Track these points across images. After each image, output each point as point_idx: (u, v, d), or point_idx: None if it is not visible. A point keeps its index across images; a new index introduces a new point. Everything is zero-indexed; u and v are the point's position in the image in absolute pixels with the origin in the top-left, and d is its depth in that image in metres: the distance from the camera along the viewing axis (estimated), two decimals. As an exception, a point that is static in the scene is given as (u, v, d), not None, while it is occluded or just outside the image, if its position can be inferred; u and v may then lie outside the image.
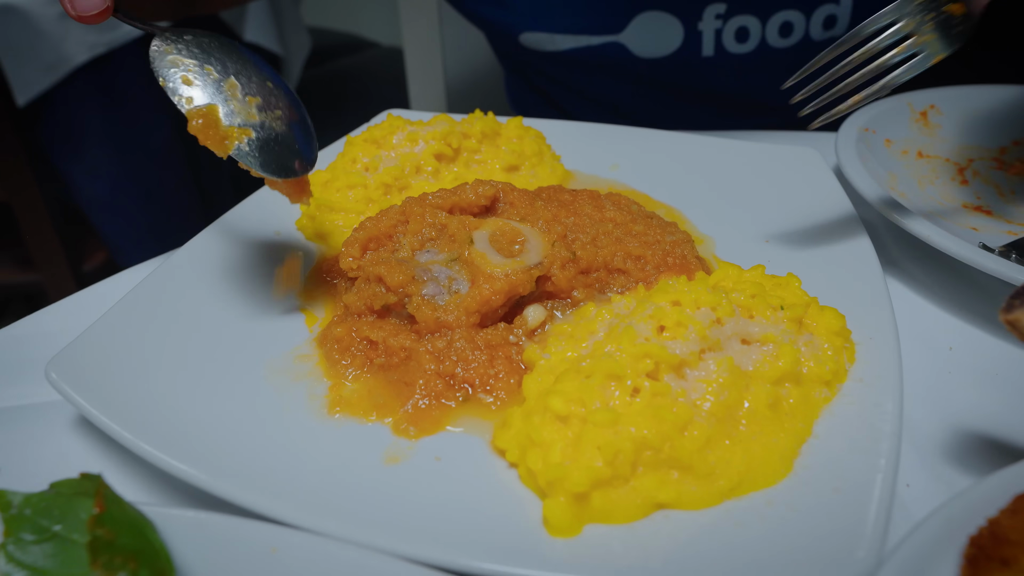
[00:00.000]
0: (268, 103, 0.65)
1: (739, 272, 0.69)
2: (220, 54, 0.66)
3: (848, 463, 0.53)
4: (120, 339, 0.66)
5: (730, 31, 1.23)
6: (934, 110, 1.08)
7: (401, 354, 0.65)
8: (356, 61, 2.81)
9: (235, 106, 0.64)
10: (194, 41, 0.65)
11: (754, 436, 0.55)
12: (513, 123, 0.97)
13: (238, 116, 0.64)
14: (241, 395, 0.63)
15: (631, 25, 1.23)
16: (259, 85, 0.66)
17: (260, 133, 0.65)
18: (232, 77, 0.65)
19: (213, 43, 0.66)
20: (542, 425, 0.55)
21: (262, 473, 0.55)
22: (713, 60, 1.25)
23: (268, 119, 0.65)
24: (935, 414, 0.65)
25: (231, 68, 0.65)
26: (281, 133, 0.65)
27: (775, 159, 0.94)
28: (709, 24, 1.22)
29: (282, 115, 0.66)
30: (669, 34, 1.23)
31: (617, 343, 0.58)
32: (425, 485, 0.55)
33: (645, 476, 0.52)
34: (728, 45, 1.24)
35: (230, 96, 0.64)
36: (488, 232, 0.72)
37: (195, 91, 0.64)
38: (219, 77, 0.65)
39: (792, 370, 0.58)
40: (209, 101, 0.64)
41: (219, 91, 0.64)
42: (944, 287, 0.81)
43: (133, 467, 0.61)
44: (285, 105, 0.67)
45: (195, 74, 0.64)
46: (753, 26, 1.22)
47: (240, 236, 0.83)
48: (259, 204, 0.90)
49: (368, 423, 0.61)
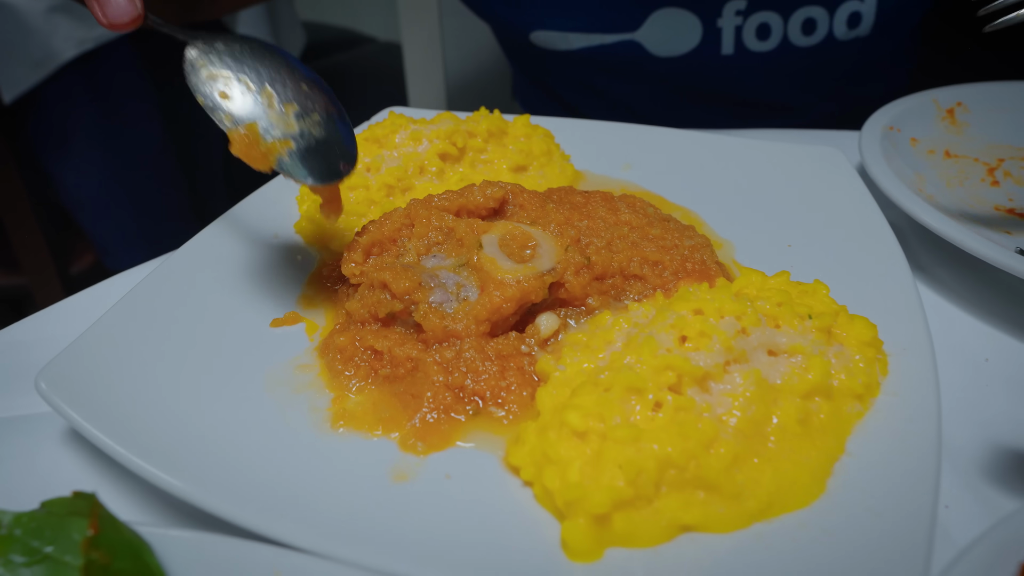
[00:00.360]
0: (305, 108, 0.66)
1: (763, 279, 0.68)
2: (253, 61, 0.66)
3: (885, 483, 0.52)
4: (113, 348, 0.65)
5: (751, 28, 1.21)
6: (961, 107, 1.07)
7: (407, 365, 0.64)
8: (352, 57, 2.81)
9: (273, 118, 0.64)
10: (226, 50, 0.66)
11: (784, 454, 0.54)
12: (520, 121, 0.97)
13: (277, 128, 0.64)
14: (240, 408, 0.62)
15: (647, 22, 1.22)
16: (295, 90, 0.66)
17: (300, 143, 0.65)
18: (267, 86, 0.65)
19: (245, 49, 0.66)
20: (558, 441, 0.54)
21: (263, 491, 0.54)
22: (733, 59, 1.24)
23: (307, 125, 0.66)
24: (972, 430, 0.64)
25: (265, 76, 0.65)
26: (320, 137, 0.66)
27: (796, 159, 0.93)
28: (729, 21, 1.21)
29: (319, 119, 0.66)
30: (687, 32, 1.22)
31: (637, 354, 0.57)
32: (434, 504, 0.54)
33: (669, 496, 0.51)
34: (748, 43, 1.23)
35: (268, 107, 0.64)
36: (498, 236, 0.71)
37: (233, 105, 0.64)
38: (255, 88, 0.65)
39: (822, 383, 0.57)
40: (248, 116, 0.64)
41: (256, 104, 0.64)
42: (977, 294, 0.80)
43: (128, 484, 0.60)
44: (322, 105, 0.67)
45: (231, 87, 0.64)
46: (775, 23, 1.21)
47: (237, 239, 0.83)
48: (256, 206, 0.89)
49: (373, 438, 0.60)
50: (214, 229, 0.83)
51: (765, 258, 0.79)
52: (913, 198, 0.82)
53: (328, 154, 0.66)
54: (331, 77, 0.72)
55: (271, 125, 0.64)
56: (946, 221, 0.78)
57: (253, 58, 0.66)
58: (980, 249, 0.74)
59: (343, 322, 0.71)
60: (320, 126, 0.66)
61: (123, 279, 0.89)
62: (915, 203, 0.81)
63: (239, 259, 0.80)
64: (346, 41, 2.96)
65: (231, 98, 0.64)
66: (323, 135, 0.66)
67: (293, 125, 0.65)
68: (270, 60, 0.66)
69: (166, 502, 0.59)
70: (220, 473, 0.55)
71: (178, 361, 0.66)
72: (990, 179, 0.97)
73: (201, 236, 0.81)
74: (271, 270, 0.80)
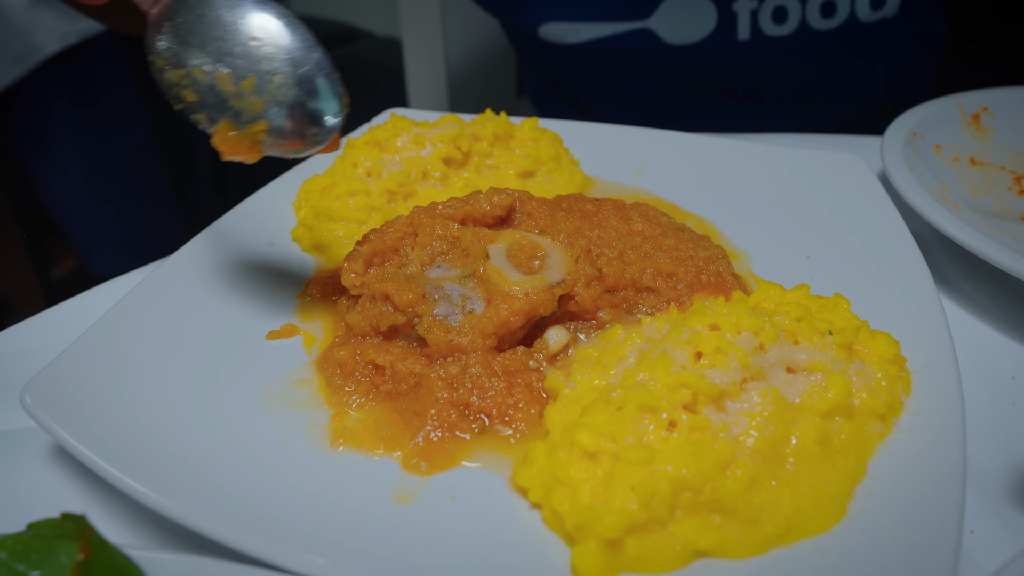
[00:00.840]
0: (263, 74, 0.63)
1: (781, 292, 0.69)
2: (198, 40, 0.63)
3: (908, 507, 0.52)
4: (102, 361, 0.66)
5: (767, 11, 1.23)
6: (987, 113, 1.08)
7: (410, 380, 0.65)
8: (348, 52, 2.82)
9: (237, 104, 0.63)
10: (172, 35, 0.63)
11: (803, 476, 0.54)
12: (527, 124, 0.97)
13: (245, 114, 0.63)
14: (235, 425, 0.63)
15: (660, 9, 1.23)
16: (246, 56, 0.63)
17: (275, 118, 0.63)
18: (220, 68, 0.63)
19: (184, 26, 0.63)
20: (568, 462, 0.55)
21: (259, 513, 0.54)
22: (749, 44, 1.25)
23: (272, 94, 0.63)
24: (998, 451, 0.65)
25: (213, 53, 0.63)
26: (293, 99, 0.63)
27: (815, 166, 0.94)
28: (744, 4, 1.22)
29: (283, 77, 0.63)
30: (701, 17, 1.23)
31: (650, 371, 0.58)
32: (439, 527, 0.55)
33: (684, 520, 0.52)
34: (765, 27, 1.24)
35: (228, 95, 0.63)
36: (505, 246, 0.71)
37: (201, 106, 0.63)
38: (210, 76, 0.63)
39: (843, 402, 0.58)
40: (215, 112, 0.63)
41: (216, 95, 0.63)
42: (1004, 308, 0.81)
43: (118, 504, 0.61)
44: (282, 57, 0.63)
45: (192, 84, 0.63)
46: (792, 5, 1.22)
47: (231, 247, 0.83)
48: (251, 211, 0.90)
49: (375, 457, 0.61)
50: (206, 236, 0.84)
51: (783, 270, 0.80)
52: (937, 207, 0.83)
53: (311, 113, 0.63)
54: None
55: (238, 114, 0.63)
56: (971, 232, 0.79)
57: (199, 36, 0.63)
58: (1007, 262, 0.75)
59: (343, 335, 0.71)
60: (288, 86, 0.63)
61: (109, 288, 0.90)
62: (939, 213, 0.82)
63: (233, 268, 0.81)
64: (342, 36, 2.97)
65: (197, 96, 0.64)
66: (295, 94, 0.63)
67: (258, 104, 0.63)
68: (211, 25, 0.63)
69: (159, 524, 0.59)
70: (214, 494, 0.56)
71: (170, 375, 0.67)
72: (1017, 188, 0.98)
73: (193, 243, 0.82)
74: (267, 280, 0.81)
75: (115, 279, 0.91)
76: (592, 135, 1.04)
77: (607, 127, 1.06)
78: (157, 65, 0.64)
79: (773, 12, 1.23)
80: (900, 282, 0.74)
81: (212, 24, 0.63)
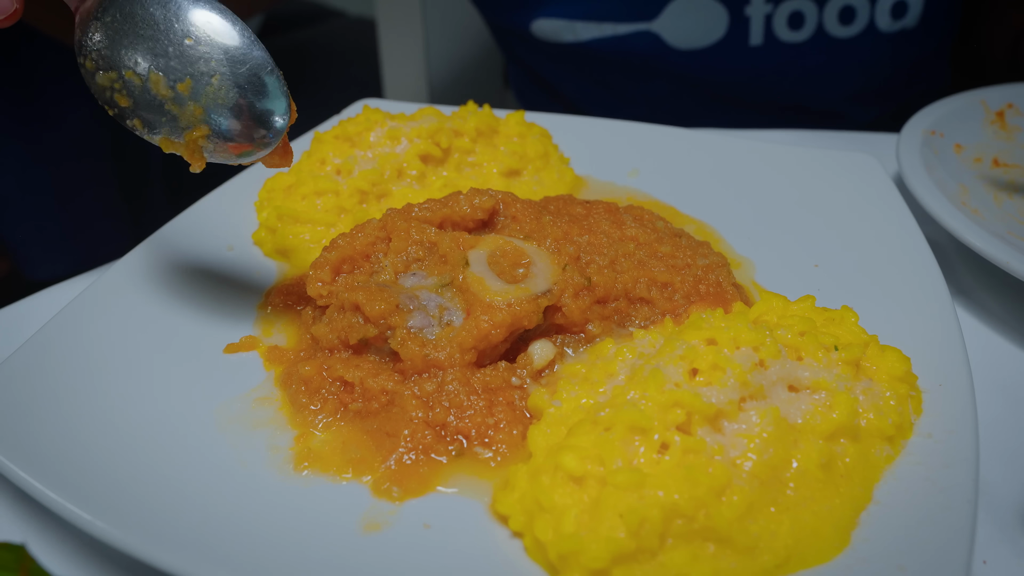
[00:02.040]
0: (199, 76, 0.64)
1: (785, 304, 0.71)
2: (128, 39, 0.65)
3: (915, 536, 0.55)
4: (42, 377, 0.67)
5: (782, 16, 1.26)
6: (1012, 110, 1.11)
7: (382, 398, 0.67)
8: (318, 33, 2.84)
9: (174, 109, 0.65)
10: (100, 36, 0.65)
11: (804, 503, 0.57)
12: (513, 119, 1.00)
13: (182, 120, 0.65)
14: (189, 446, 0.64)
15: (667, 10, 1.26)
16: (180, 57, 0.65)
17: (214, 122, 0.65)
18: (153, 71, 0.65)
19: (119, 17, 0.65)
20: (552, 487, 0.57)
21: (215, 542, 0.56)
22: (762, 50, 1.29)
23: (211, 98, 0.65)
24: (1014, 475, 0.67)
25: (145, 55, 0.65)
26: (233, 101, 0.65)
27: (827, 167, 0.97)
28: (758, 8, 1.25)
29: (221, 80, 0.65)
30: (712, 21, 1.27)
31: (642, 389, 0.60)
32: (412, 558, 0.56)
33: (675, 550, 0.54)
34: (779, 32, 1.28)
35: (164, 99, 0.65)
36: (486, 252, 0.74)
37: (134, 112, 0.65)
38: (143, 80, 0.65)
39: (848, 423, 0.60)
40: (149, 117, 0.65)
41: (151, 99, 0.65)
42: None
43: (61, 532, 0.62)
44: (218, 57, 0.65)
45: (124, 87, 0.65)
46: (809, 10, 1.26)
47: (185, 251, 0.85)
48: (208, 212, 0.92)
49: (342, 482, 0.62)
50: (158, 239, 0.85)
51: (789, 279, 0.83)
52: (955, 213, 0.86)
53: (254, 115, 0.65)
54: (293, 56, 0.73)
55: (174, 120, 0.65)
56: (990, 240, 0.82)
57: (129, 36, 0.65)
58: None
59: (308, 348, 0.73)
60: (227, 87, 0.65)
61: (49, 295, 0.91)
62: (957, 219, 0.85)
63: (187, 274, 0.82)
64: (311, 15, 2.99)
65: (130, 100, 0.65)
66: (235, 96, 0.65)
67: (196, 109, 0.65)
68: (142, 25, 0.65)
69: (104, 553, 0.61)
70: (166, 522, 0.57)
71: (117, 393, 0.68)
72: (1043, 192, 1.02)
73: (143, 247, 0.84)
74: (225, 287, 0.83)
75: (55, 286, 0.92)
76: (584, 131, 1.07)
77: (600, 122, 1.09)
78: (87, 67, 0.66)
79: (789, 17, 1.27)
80: (913, 294, 0.77)
81: (143, 22, 0.65)
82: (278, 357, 0.74)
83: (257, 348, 0.76)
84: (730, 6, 1.26)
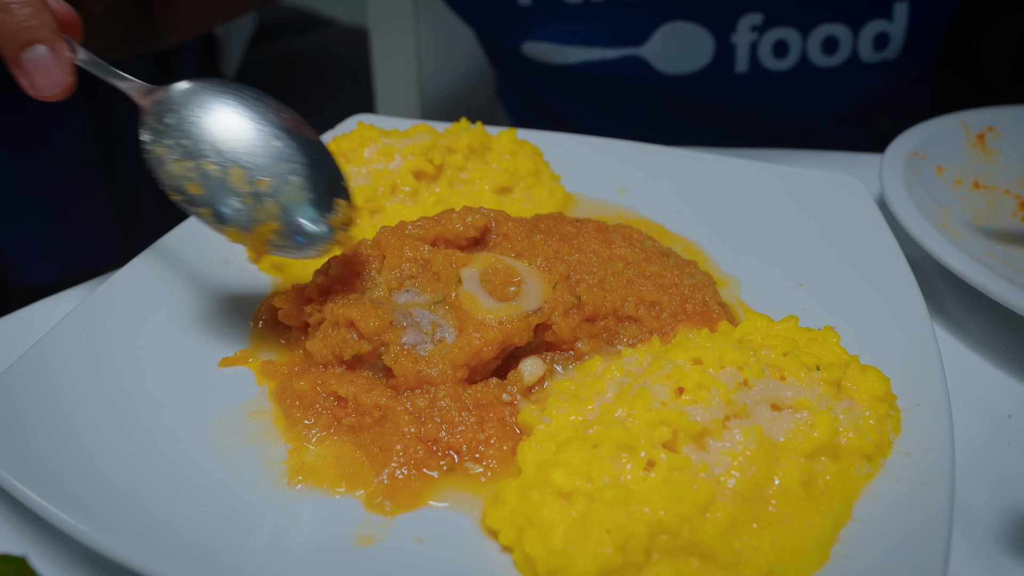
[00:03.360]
0: (281, 175, 0.68)
1: (769, 324, 0.74)
2: (212, 130, 0.68)
3: (892, 552, 0.57)
4: (40, 390, 0.68)
5: (767, 45, 1.30)
6: (993, 132, 1.14)
7: (375, 414, 0.68)
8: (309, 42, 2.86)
9: (249, 204, 0.67)
10: (178, 126, 0.68)
11: (785, 519, 0.59)
12: (505, 136, 1.02)
13: (256, 212, 0.68)
14: (185, 459, 0.66)
15: (655, 37, 1.29)
16: (265, 156, 0.68)
17: (286, 220, 0.68)
18: (233, 164, 0.68)
19: (199, 111, 0.68)
20: (541, 502, 0.58)
21: (210, 554, 0.57)
22: (747, 77, 1.32)
23: (288, 198, 0.68)
24: (990, 493, 0.70)
25: (226, 149, 0.68)
26: (308, 202, 0.69)
27: (810, 187, 0.99)
28: (744, 37, 1.28)
29: (301, 181, 0.68)
30: (698, 48, 1.29)
31: (629, 407, 0.62)
32: (403, 571, 0.58)
33: (661, 565, 0.55)
34: (764, 61, 1.31)
35: (241, 193, 0.67)
36: (479, 270, 0.75)
37: (207, 200, 0.67)
38: (220, 171, 0.68)
39: (829, 442, 0.62)
40: (221, 209, 0.67)
41: (227, 190, 0.67)
42: (1003, 343, 0.86)
43: (59, 544, 0.63)
44: (303, 162, 0.69)
45: (198, 177, 0.67)
46: (793, 40, 1.29)
47: (180, 265, 0.86)
48: (203, 226, 0.92)
49: (336, 496, 0.64)
50: (154, 252, 0.87)
51: (773, 298, 0.85)
52: (935, 235, 0.89)
53: (323, 217, 0.69)
54: (284, 64, 0.75)
55: (247, 211, 0.68)
56: (969, 262, 0.84)
57: (214, 127, 0.68)
58: (1004, 294, 0.81)
59: (302, 363, 0.75)
60: (305, 190, 0.69)
61: (44, 307, 0.92)
62: (936, 240, 0.88)
63: (183, 288, 0.84)
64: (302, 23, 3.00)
65: (203, 190, 0.68)
66: (309, 198, 0.69)
67: (272, 207, 0.68)
68: (230, 118, 0.68)
69: (104, 566, 0.62)
70: (163, 534, 0.58)
71: (113, 406, 0.69)
72: (1022, 214, 1.04)
73: (139, 260, 0.85)
74: (219, 301, 0.84)
75: (48, 298, 0.93)
76: (575, 148, 1.09)
77: (591, 140, 1.11)
78: (157, 153, 0.68)
79: (773, 46, 1.30)
80: (894, 314, 0.79)
81: (231, 119, 0.68)
82: (271, 372, 0.76)
83: (251, 362, 0.77)
84: (716, 34, 1.29)
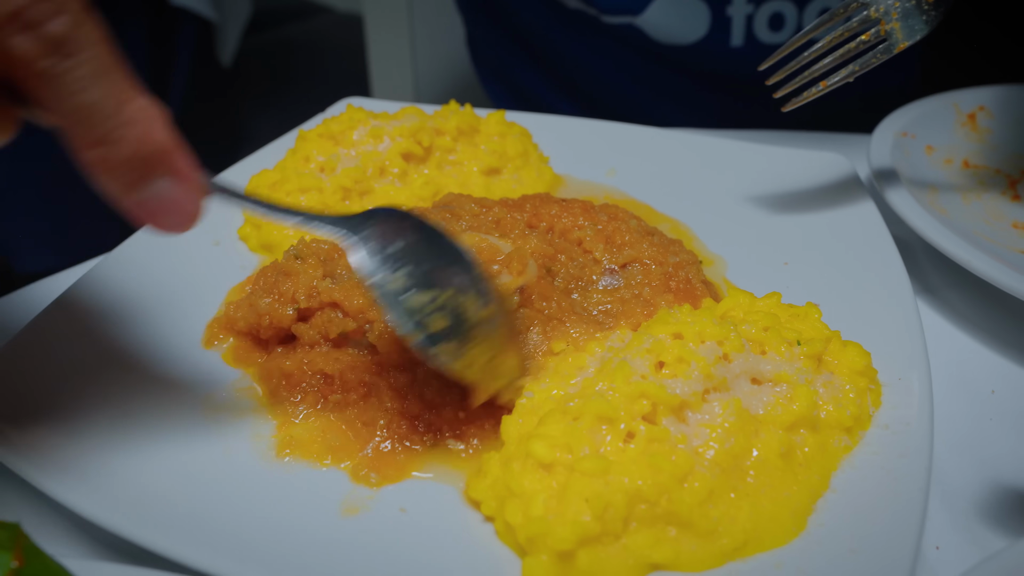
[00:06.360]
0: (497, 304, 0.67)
1: (751, 300, 0.75)
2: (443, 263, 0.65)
3: (869, 521, 0.58)
4: (33, 367, 0.70)
5: (763, 17, 1.30)
6: (984, 112, 1.15)
7: (360, 390, 0.70)
8: (305, 29, 2.86)
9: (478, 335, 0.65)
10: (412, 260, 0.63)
11: (763, 489, 0.60)
12: (494, 118, 1.03)
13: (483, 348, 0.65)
14: (175, 434, 0.67)
15: (652, 6, 1.30)
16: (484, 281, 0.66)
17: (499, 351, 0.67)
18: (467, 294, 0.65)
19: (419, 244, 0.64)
20: (523, 473, 0.60)
21: (200, 524, 0.59)
22: (743, 50, 1.32)
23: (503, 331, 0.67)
24: (971, 467, 0.71)
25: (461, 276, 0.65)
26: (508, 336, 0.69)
27: (798, 166, 1.00)
28: (739, 9, 1.29)
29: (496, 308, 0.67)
30: (694, 19, 1.30)
31: (609, 381, 0.63)
32: (388, 540, 0.59)
33: (639, 533, 0.57)
34: (760, 34, 1.32)
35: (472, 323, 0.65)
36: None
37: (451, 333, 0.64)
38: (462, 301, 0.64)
39: (808, 415, 0.63)
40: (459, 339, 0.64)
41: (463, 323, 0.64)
42: (988, 320, 0.87)
43: (54, 513, 0.65)
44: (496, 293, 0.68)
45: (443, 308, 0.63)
46: (789, 12, 1.30)
47: (172, 246, 0.87)
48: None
49: (322, 468, 0.65)
50: (146, 234, 0.88)
51: (759, 276, 0.86)
52: (922, 214, 0.89)
53: None
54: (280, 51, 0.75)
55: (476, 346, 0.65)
56: (955, 240, 0.85)
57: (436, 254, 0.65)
58: (989, 272, 0.81)
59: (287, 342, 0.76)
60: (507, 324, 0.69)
61: (38, 288, 0.93)
62: (923, 219, 0.88)
63: (175, 268, 0.85)
64: (298, 10, 3.01)
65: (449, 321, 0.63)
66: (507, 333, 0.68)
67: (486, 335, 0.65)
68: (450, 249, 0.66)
69: (95, 534, 0.63)
70: (153, 504, 0.60)
71: (106, 382, 0.71)
72: (1011, 192, 1.05)
73: (131, 242, 0.86)
74: (211, 281, 0.85)
75: (44, 279, 0.94)
76: (563, 130, 1.10)
77: (579, 121, 1.12)
78: (389, 288, 0.62)
79: (769, 18, 1.30)
80: (877, 291, 0.80)
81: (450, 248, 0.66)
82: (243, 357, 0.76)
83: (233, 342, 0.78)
84: (712, 6, 1.29)
